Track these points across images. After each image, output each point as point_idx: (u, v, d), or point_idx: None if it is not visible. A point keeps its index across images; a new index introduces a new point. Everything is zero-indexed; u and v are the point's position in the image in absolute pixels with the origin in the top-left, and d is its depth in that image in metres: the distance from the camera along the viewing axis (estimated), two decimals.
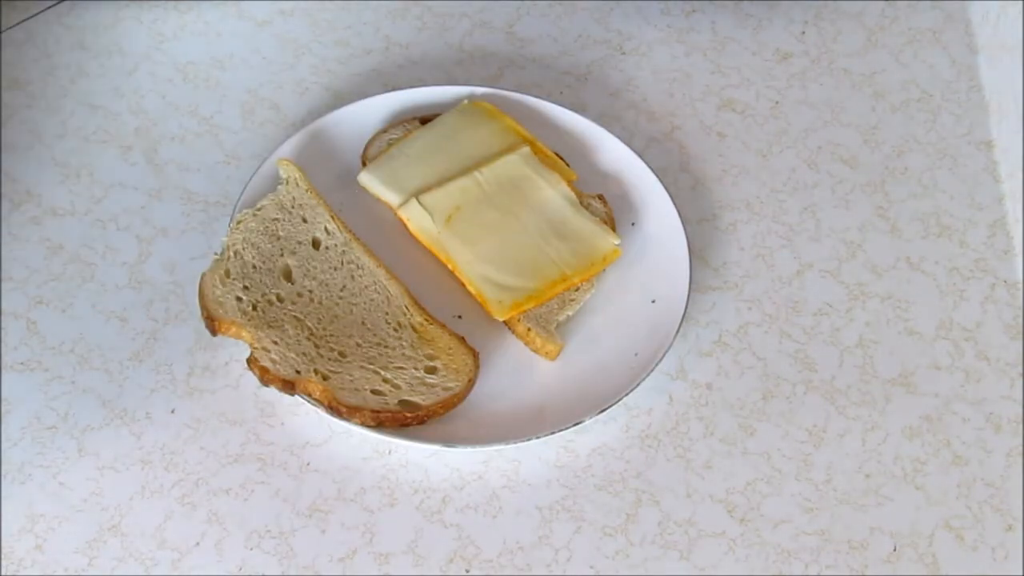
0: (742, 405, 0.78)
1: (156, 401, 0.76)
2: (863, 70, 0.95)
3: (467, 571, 0.72)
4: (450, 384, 0.75)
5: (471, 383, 0.76)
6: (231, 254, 0.78)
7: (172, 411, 0.76)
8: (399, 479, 0.74)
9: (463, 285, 0.80)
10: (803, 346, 0.81)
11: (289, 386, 0.73)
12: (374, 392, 0.74)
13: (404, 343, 0.77)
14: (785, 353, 0.80)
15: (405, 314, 0.78)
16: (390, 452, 0.75)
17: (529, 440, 0.73)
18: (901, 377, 0.80)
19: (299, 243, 0.80)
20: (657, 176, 0.84)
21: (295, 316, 0.76)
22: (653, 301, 0.80)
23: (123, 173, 0.86)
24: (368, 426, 0.73)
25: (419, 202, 0.81)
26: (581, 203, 0.83)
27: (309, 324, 0.76)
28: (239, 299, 0.76)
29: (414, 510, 0.73)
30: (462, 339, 0.77)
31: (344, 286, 0.78)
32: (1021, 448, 0.77)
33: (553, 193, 0.82)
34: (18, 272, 0.81)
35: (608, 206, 0.84)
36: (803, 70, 0.94)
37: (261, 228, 0.80)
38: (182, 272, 0.81)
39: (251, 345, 0.74)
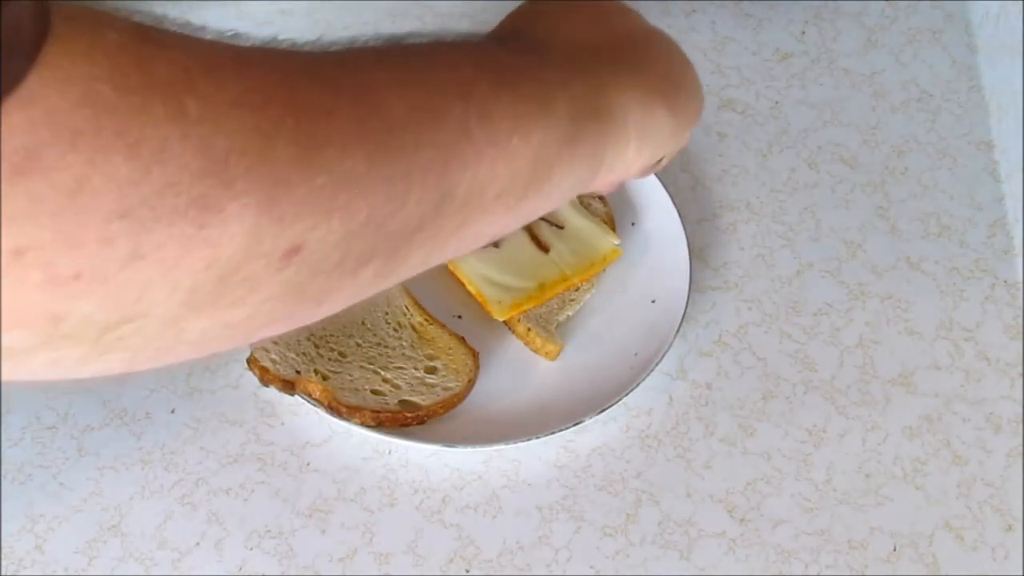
0: (742, 405, 0.78)
1: (156, 401, 0.76)
2: (863, 70, 0.95)
3: (467, 571, 0.72)
4: (450, 384, 0.75)
5: (471, 383, 0.76)
6: None
7: (172, 411, 0.76)
8: (399, 479, 0.74)
9: (463, 285, 0.80)
10: (803, 346, 0.81)
11: (289, 386, 0.73)
12: (374, 392, 0.74)
13: (404, 343, 0.77)
14: (785, 353, 0.80)
15: (405, 314, 0.78)
16: (390, 452, 0.75)
17: (529, 440, 0.73)
18: (901, 377, 0.80)
19: None
20: (657, 176, 0.84)
21: None
22: (653, 301, 0.80)
23: None
24: (368, 426, 0.73)
25: None
26: (581, 203, 0.83)
27: (309, 324, 0.76)
28: None
29: (414, 510, 0.73)
30: (462, 339, 0.77)
31: None
32: (1021, 448, 0.77)
33: None
34: None
35: (608, 206, 0.84)
36: (803, 70, 0.94)
37: None
38: None
39: (251, 345, 0.74)
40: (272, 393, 0.75)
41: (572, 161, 0.51)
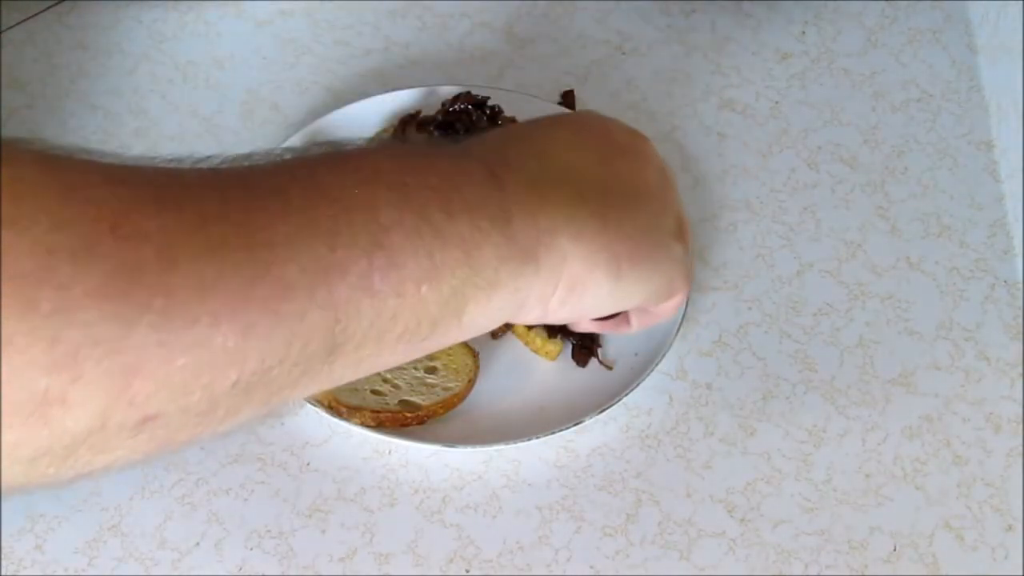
0: (742, 405, 0.78)
1: None
2: (863, 70, 0.94)
3: (467, 571, 0.72)
4: (450, 384, 0.75)
5: (471, 383, 0.76)
6: None
7: None
8: (399, 479, 0.74)
9: None
10: (803, 346, 0.81)
11: None
12: (374, 392, 0.74)
13: None
14: (785, 353, 0.80)
15: None
16: (390, 452, 0.75)
17: (529, 440, 0.73)
18: (901, 377, 0.79)
19: None
20: None
21: None
22: None
23: None
24: (368, 426, 0.73)
25: None
26: None
27: None
28: None
29: (414, 510, 0.73)
30: None
31: None
32: (1021, 448, 0.77)
33: None
34: None
35: None
36: (803, 70, 0.94)
37: None
38: None
39: None
40: None
41: (488, 305, 0.48)
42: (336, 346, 0.43)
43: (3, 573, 0.70)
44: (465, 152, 0.52)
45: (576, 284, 0.51)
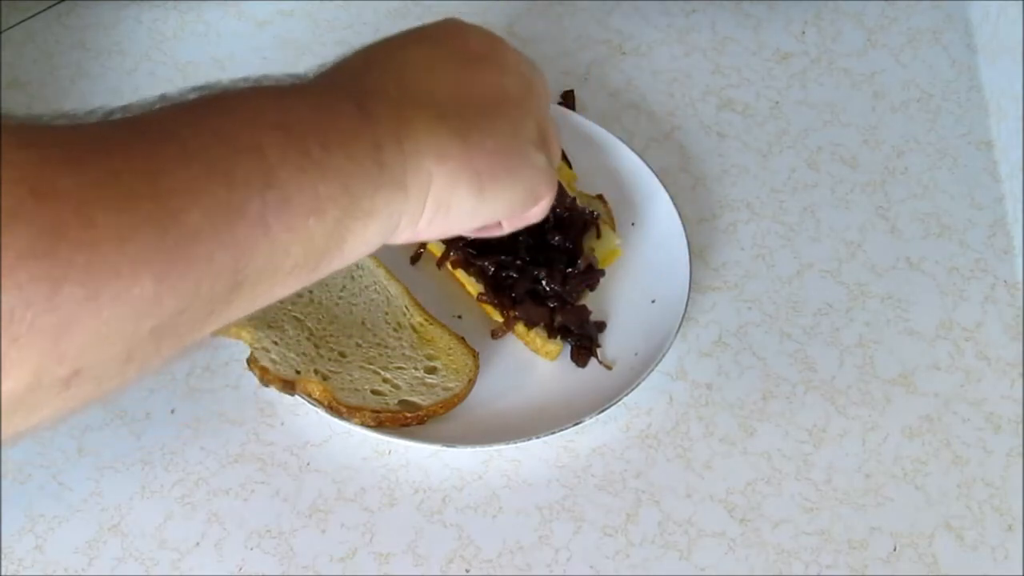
0: (742, 405, 0.78)
1: (156, 401, 0.76)
2: (863, 70, 0.95)
3: (467, 571, 0.72)
4: (450, 384, 0.75)
5: (471, 383, 0.76)
6: None
7: (172, 411, 0.76)
8: (399, 479, 0.74)
9: (463, 285, 0.80)
10: (803, 346, 0.81)
11: (289, 386, 0.73)
12: (374, 392, 0.74)
13: (404, 343, 0.77)
14: (785, 353, 0.80)
15: (405, 314, 0.78)
16: (390, 452, 0.75)
17: (529, 440, 0.73)
18: (901, 377, 0.80)
19: None
20: (657, 176, 0.84)
21: (295, 316, 0.76)
22: (653, 301, 0.80)
23: None
24: (368, 426, 0.73)
25: None
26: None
27: (309, 324, 0.76)
28: None
29: (414, 510, 0.73)
30: (462, 339, 0.77)
31: (344, 286, 0.79)
32: (1021, 448, 0.77)
33: None
34: None
35: (608, 206, 0.84)
36: (803, 70, 0.94)
37: None
38: None
39: (251, 345, 0.74)
40: (272, 393, 0.75)
41: (365, 232, 0.50)
42: (237, 284, 0.45)
43: (3, 573, 0.70)
44: (332, 85, 0.54)
45: (441, 204, 0.53)
